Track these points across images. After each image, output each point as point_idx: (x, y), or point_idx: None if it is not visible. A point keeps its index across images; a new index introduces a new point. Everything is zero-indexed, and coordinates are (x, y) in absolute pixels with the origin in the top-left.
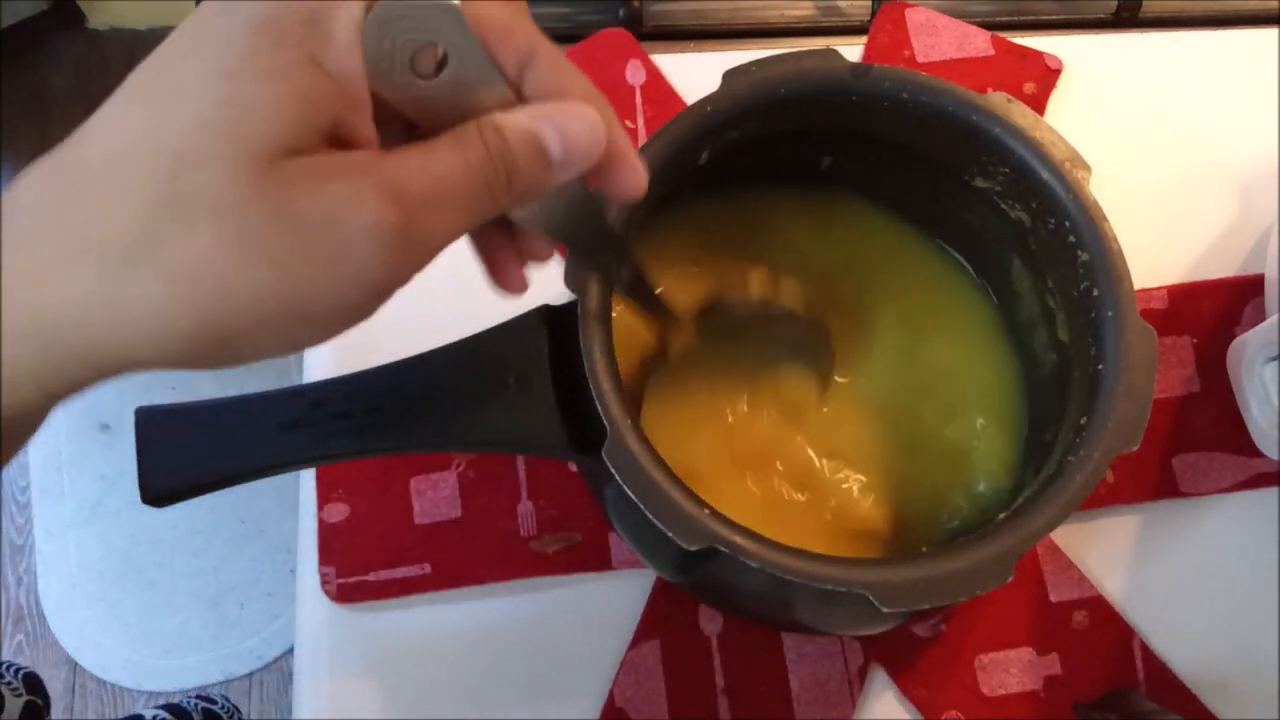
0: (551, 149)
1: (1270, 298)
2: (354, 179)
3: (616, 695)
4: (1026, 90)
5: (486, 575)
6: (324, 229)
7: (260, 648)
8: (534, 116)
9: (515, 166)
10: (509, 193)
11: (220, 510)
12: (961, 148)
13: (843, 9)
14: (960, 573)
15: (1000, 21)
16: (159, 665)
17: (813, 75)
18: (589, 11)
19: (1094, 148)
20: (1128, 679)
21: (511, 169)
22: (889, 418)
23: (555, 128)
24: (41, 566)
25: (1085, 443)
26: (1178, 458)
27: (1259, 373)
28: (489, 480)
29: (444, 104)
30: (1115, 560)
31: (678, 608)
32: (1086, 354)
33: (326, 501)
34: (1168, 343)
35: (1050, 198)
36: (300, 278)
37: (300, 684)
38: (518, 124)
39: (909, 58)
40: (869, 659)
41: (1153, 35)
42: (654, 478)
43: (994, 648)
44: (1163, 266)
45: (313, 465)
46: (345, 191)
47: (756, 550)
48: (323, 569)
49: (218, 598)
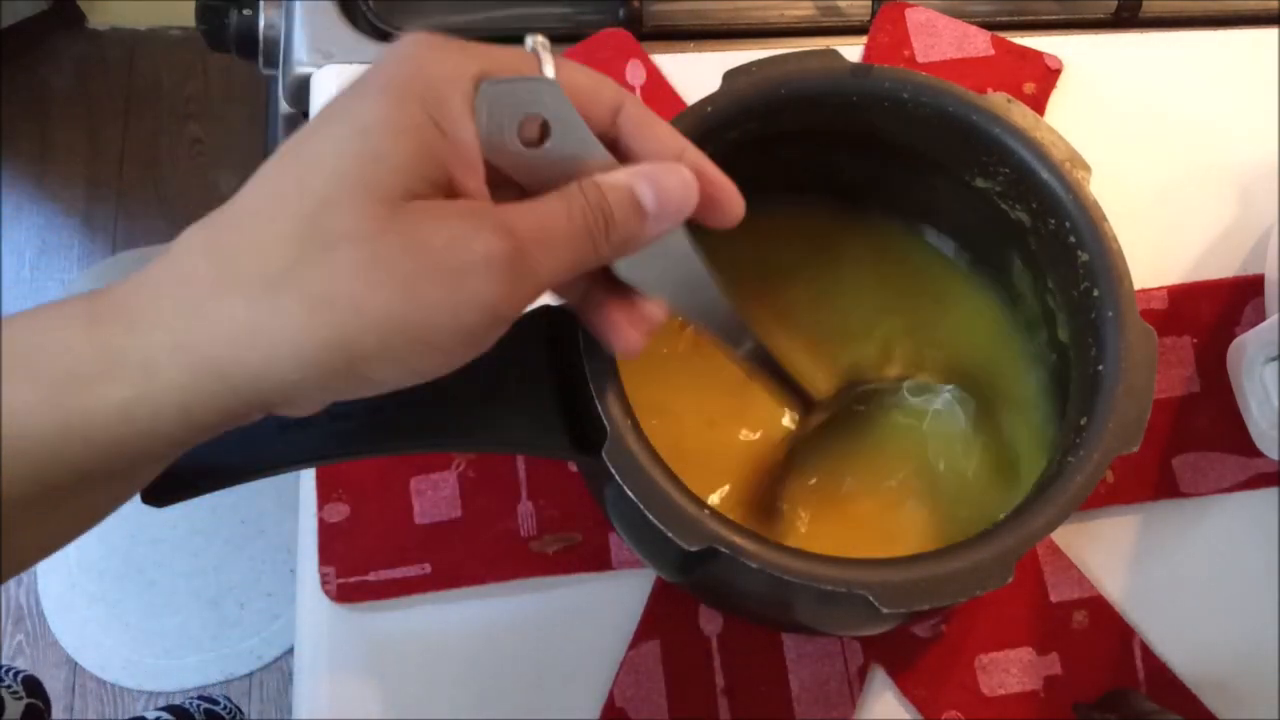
0: (646, 202)
1: (1270, 298)
2: (471, 217)
3: (616, 695)
4: (1026, 90)
5: (486, 575)
6: (445, 255)
7: (260, 648)
8: (630, 174)
9: (613, 216)
10: (608, 240)
11: (220, 510)
12: (962, 148)
13: (843, 9)
14: (960, 573)
15: (1000, 21)
16: (159, 665)
17: (813, 75)
18: (589, 11)
19: (1094, 148)
20: (1128, 679)
21: (610, 218)
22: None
23: (650, 183)
24: (41, 566)
25: (1085, 443)
26: (1178, 458)
27: (1259, 373)
28: (489, 480)
29: (549, 170)
30: (1115, 560)
31: (678, 608)
32: (1086, 354)
33: (326, 501)
34: (1168, 343)
35: (1050, 198)
36: (424, 298)
37: (300, 684)
38: (615, 180)
39: (909, 58)
40: (869, 659)
41: (1153, 35)
42: (654, 478)
43: (994, 648)
44: (1163, 266)
45: (313, 465)
46: (463, 225)
47: (756, 550)
48: (323, 569)
49: (218, 598)
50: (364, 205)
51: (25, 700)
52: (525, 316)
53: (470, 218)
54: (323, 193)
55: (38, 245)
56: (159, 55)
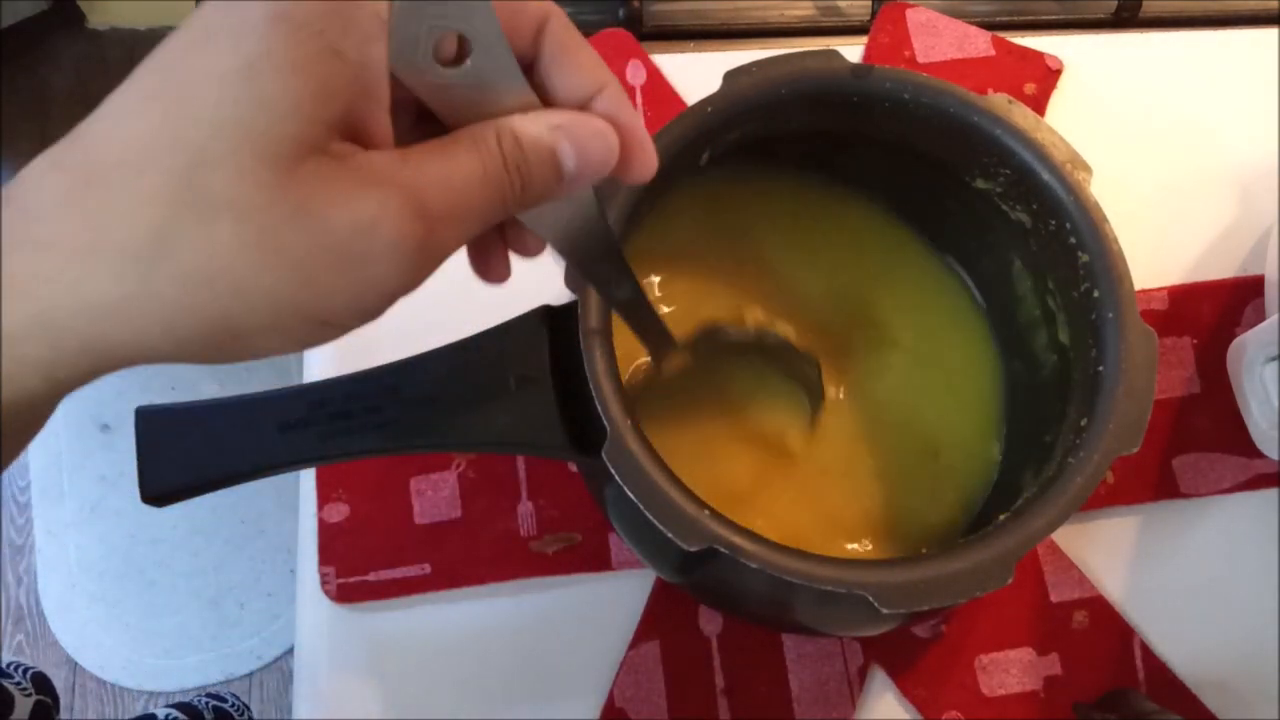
0: (566, 163)
1: (1270, 298)
2: (379, 189)
3: (616, 695)
4: (1027, 91)
5: (486, 575)
6: (347, 239)
7: (260, 648)
8: (552, 129)
9: (530, 177)
10: (521, 202)
11: (220, 510)
12: (962, 149)
13: (843, 9)
14: (960, 574)
15: (1000, 21)
16: (159, 665)
17: (813, 76)
18: (589, 11)
19: (1094, 148)
20: (1128, 679)
21: (527, 179)
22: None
23: (572, 142)
24: (41, 566)
25: (1085, 444)
26: (1178, 458)
27: (1259, 373)
28: (489, 480)
29: (463, 94)
30: (1115, 560)
31: (678, 608)
32: (1087, 355)
33: (326, 501)
34: (1168, 343)
35: (1051, 199)
36: (320, 283)
37: (300, 684)
38: (536, 137)
39: (909, 58)
40: (869, 659)
41: (1153, 35)
42: (654, 478)
43: (994, 648)
44: (1163, 267)
45: (313, 465)
46: (370, 203)
47: (756, 551)
48: (323, 569)
49: (218, 598)
50: (249, 167)
51: (34, 697)
52: (525, 316)
53: (376, 190)
54: (200, 145)
55: None
56: None
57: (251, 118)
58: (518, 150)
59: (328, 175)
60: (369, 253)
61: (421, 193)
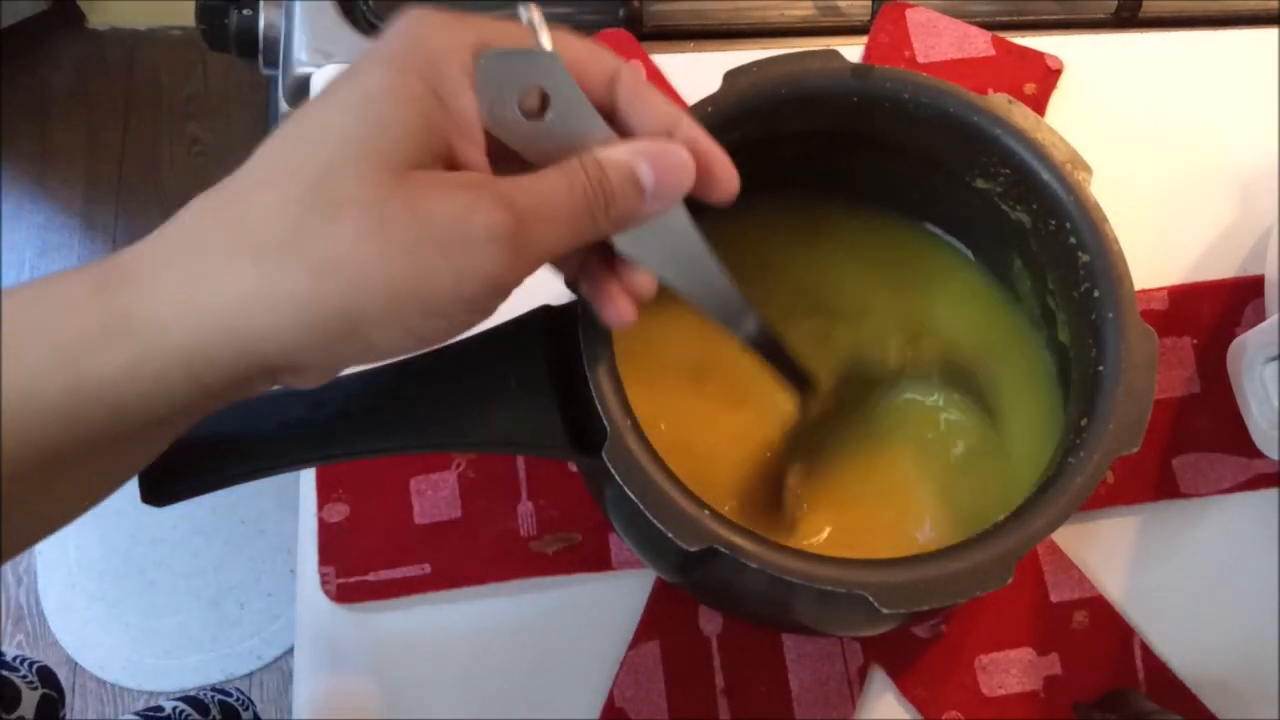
0: (645, 181)
1: (1270, 298)
2: (473, 190)
3: (616, 695)
4: (1027, 91)
5: (486, 575)
6: (449, 226)
7: (260, 648)
8: (631, 152)
9: (612, 193)
10: (607, 216)
11: (220, 510)
12: (962, 149)
13: (843, 9)
14: (960, 574)
15: (1000, 21)
16: (159, 665)
17: (814, 76)
18: (589, 11)
19: (1094, 148)
20: (1128, 679)
21: (610, 195)
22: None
23: (649, 161)
24: (41, 566)
25: (1085, 444)
26: (1178, 458)
27: (1259, 373)
28: (489, 480)
29: (549, 142)
30: (1116, 560)
31: (678, 608)
32: (1087, 355)
33: (326, 501)
34: (1168, 343)
35: (1051, 199)
36: (428, 266)
37: (300, 684)
38: (616, 157)
39: (909, 58)
40: (869, 660)
41: (1153, 35)
42: (654, 478)
43: (994, 648)
44: (1163, 267)
45: (313, 465)
46: (466, 197)
47: (756, 551)
48: (323, 569)
49: (218, 598)
50: (369, 172)
51: (40, 690)
52: (525, 317)
53: (472, 190)
54: (328, 159)
55: (38, 245)
56: (159, 55)
57: (370, 136)
58: (599, 170)
59: (433, 180)
60: (467, 236)
61: (511, 195)
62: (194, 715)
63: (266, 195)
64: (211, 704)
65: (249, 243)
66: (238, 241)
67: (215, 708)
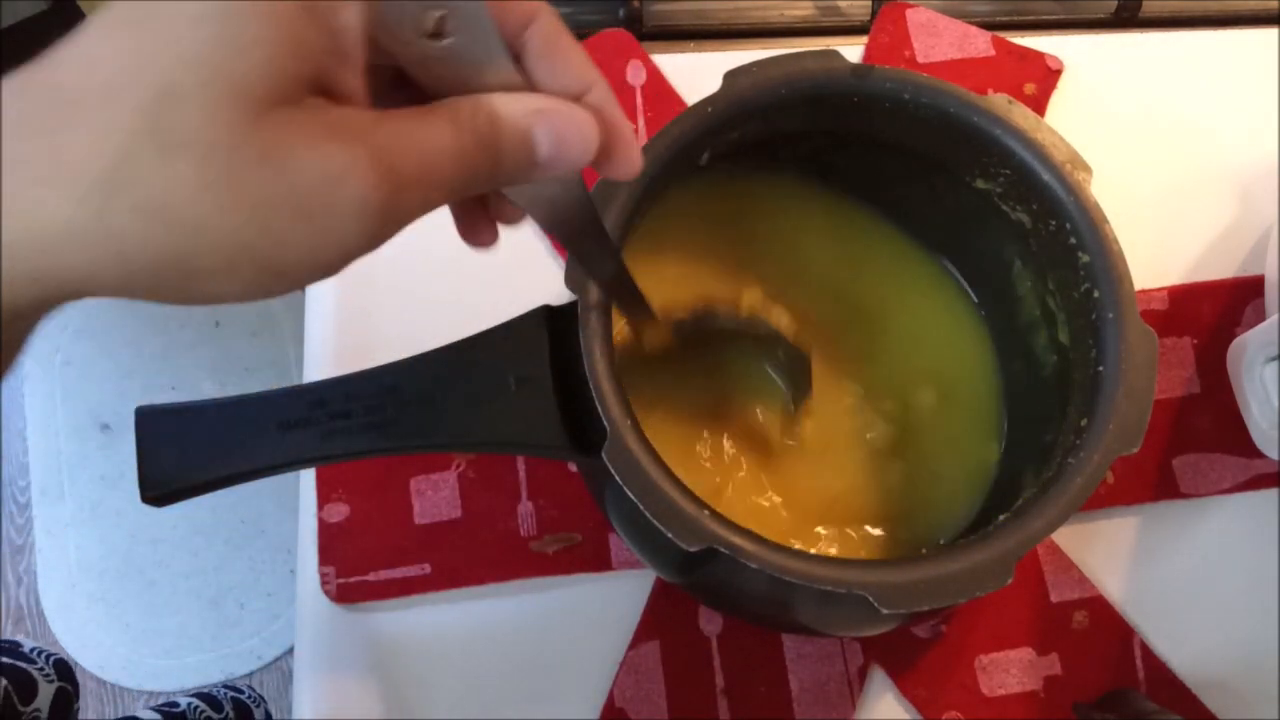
0: (540, 149)
1: (1270, 298)
2: (349, 144)
3: (616, 695)
4: (1027, 91)
5: (486, 575)
6: (311, 191)
7: (260, 648)
8: (531, 112)
9: (501, 156)
10: (491, 180)
11: (220, 510)
12: (962, 149)
13: (843, 9)
14: (960, 574)
15: (1000, 21)
16: (159, 665)
17: (814, 76)
18: (589, 11)
19: (1094, 149)
20: (1128, 679)
21: (497, 158)
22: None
23: (549, 129)
24: (41, 566)
25: (1085, 444)
26: (1178, 459)
27: (1259, 373)
28: (489, 480)
29: (446, 67)
30: (1115, 560)
31: (678, 608)
32: (1087, 355)
33: (326, 501)
34: (1168, 344)
35: (1051, 199)
36: (279, 232)
37: (300, 684)
38: (512, 115)
39: (909, 58)
40: (869, 660)
41: (1153, 35)
42: (654, 478)
43: (994, 648)
44: (1163, 267)
45: (313, 465)
46: (340, 157)
47: (756, 551)
48: (323, 569)
49: (218, 598)
50: (218, 105)
51: (56, 684)
52: (525, 316)
53: (345, 143)
54: (169, 80)
55: None
56: None
57: (223, 58)
58: (492, 129)
59: (298, 124)
60: (332, 206)
61: (392, 155)
62: (208, 711)
63: (90, 116)
64: (225, 700)
65: (66, 174)
66: (53, 170)
67: (229, 704)
